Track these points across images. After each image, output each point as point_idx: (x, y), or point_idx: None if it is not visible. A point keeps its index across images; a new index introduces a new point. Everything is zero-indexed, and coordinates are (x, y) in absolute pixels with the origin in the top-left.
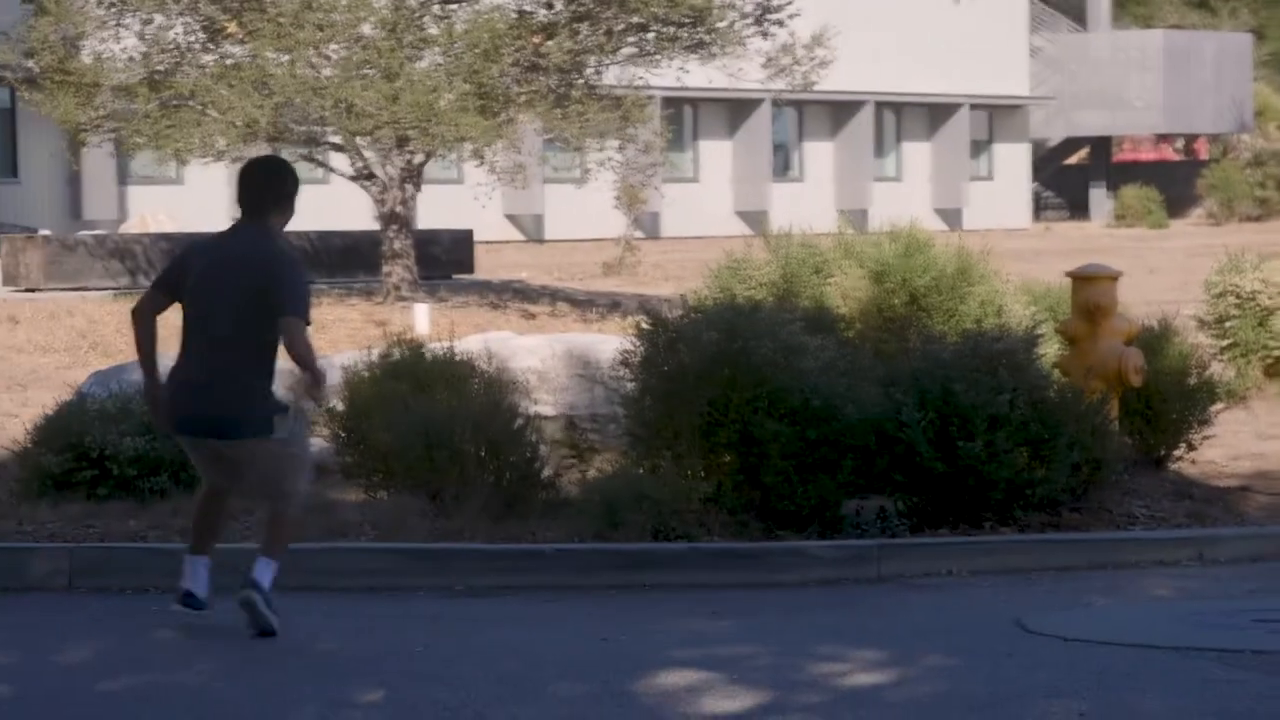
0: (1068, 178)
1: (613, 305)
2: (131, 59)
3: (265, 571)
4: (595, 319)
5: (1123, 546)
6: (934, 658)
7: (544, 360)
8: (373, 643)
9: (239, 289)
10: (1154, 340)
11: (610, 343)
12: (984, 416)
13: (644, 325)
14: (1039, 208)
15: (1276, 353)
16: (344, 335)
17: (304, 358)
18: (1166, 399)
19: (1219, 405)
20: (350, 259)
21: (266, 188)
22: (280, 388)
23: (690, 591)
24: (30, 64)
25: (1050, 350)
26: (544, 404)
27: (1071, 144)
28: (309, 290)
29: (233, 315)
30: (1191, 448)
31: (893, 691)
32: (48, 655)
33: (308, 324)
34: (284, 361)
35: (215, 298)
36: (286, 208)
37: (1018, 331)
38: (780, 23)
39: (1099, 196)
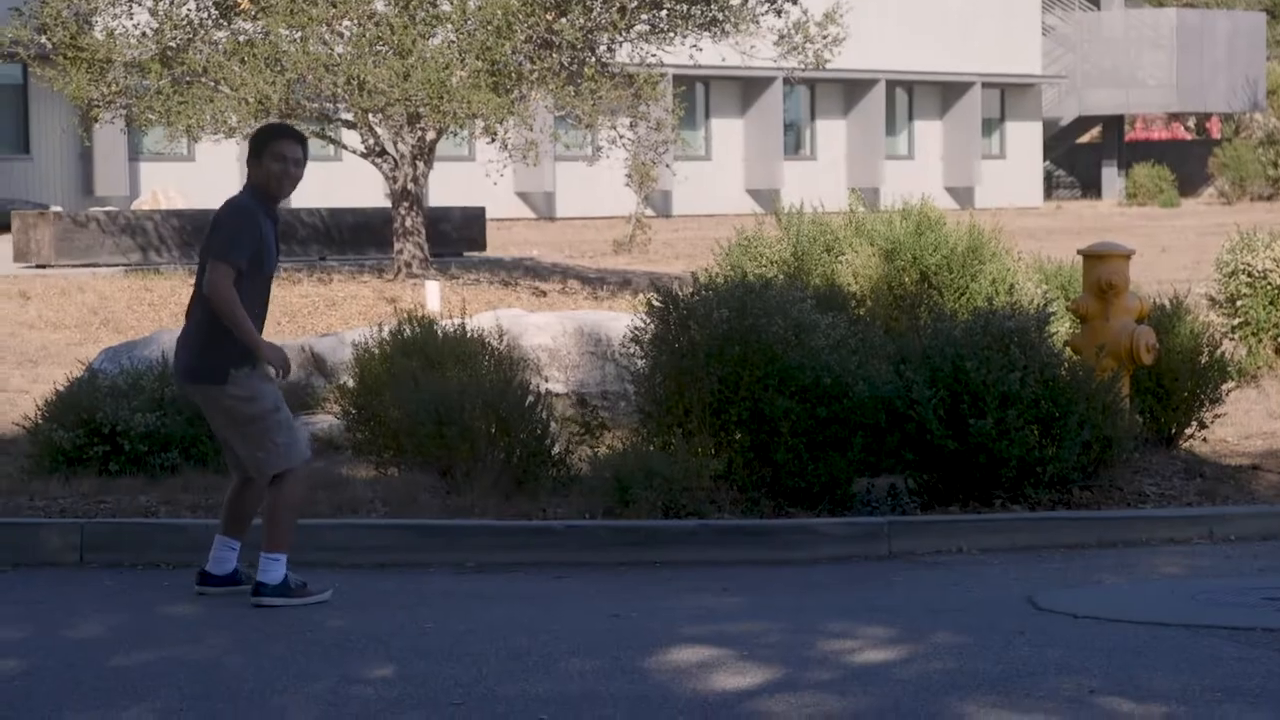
0: (1080, 156)
1: (624, 283)
2: (144, 35)
3: (269, 569)
4: (606, 296)
5: (1134, 524)
6: (945, 635)
7: (555, 337)
8: (384, 619)
9: (203, 245)
10: (1165, 319)
11: (621, 320)
12: (995, 394)
13: (655, 303)
14: (1051, 186)
15: None
16: (355, 312)
17: (215, 302)
18: (1178, 377)
19: (1230, 384)
20: (361, 236)
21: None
22: (292, 363)
23: (701, 568)
24: (43, 40)
25: (1062, 328)
26: (555, 381)
27: (1083, 123)
28: (236, 235)
29: (200, 271)
30: (1203, 426)
31: (903, 668)
32: (59, 630)
33: (236, 271)
34: (297, 338)
35: (199, 258)
36: (253, 165)
37: (1029, 309)
38: (793, 0)
39: (1111, 175)
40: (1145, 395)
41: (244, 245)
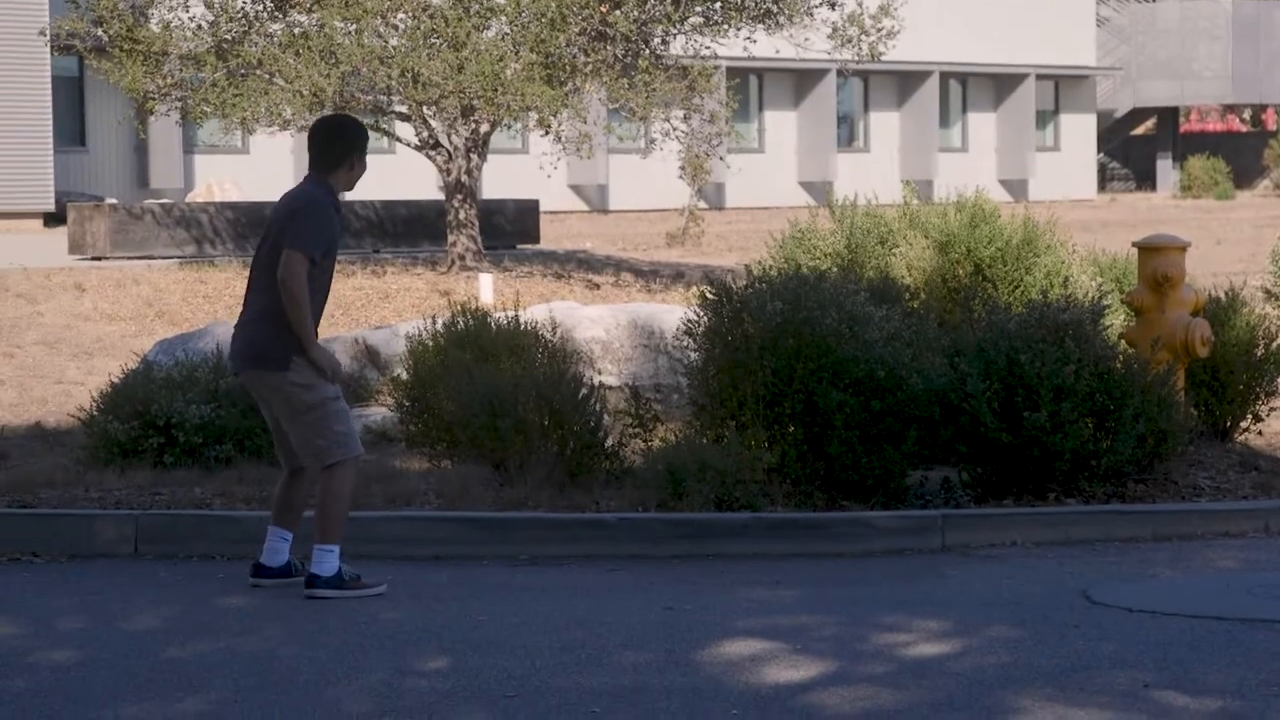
0: (1134, 148)
1: (677, 276)
2: (200, 27)
3: (322, 561)
4: (659, 289)
5: (1188, 518)
6: (999, 628)
7: (608, 330)
8: (437, 611)
9: (271, 232)
10: (1221, 311)
11: (674, 313)
12: (1049, 387)
13: (708, 295)
14: (1105, 178)
15: None
16: (409, 304)
17: (289, 291)
18: (1233, 370)
19: None
20: (415, 228)
21: (316, 146)
22: (345, 356)
23: (754, 561)
24: (99, 32)
25: (1116, 321)
26: (608, 374)
27: (1138, 115)
28: (316, 226)
29: (267, 258)
30: (1258, 419)
31: (957, 662)
32: (115, 621)
33: (311, 262)
34: (350, 330)
35: (260, 244)
36: (356, 160)
37: (1084, 302)
38: None
39: (1165, 167)
40: (1200, 388)
41: (322, 237)
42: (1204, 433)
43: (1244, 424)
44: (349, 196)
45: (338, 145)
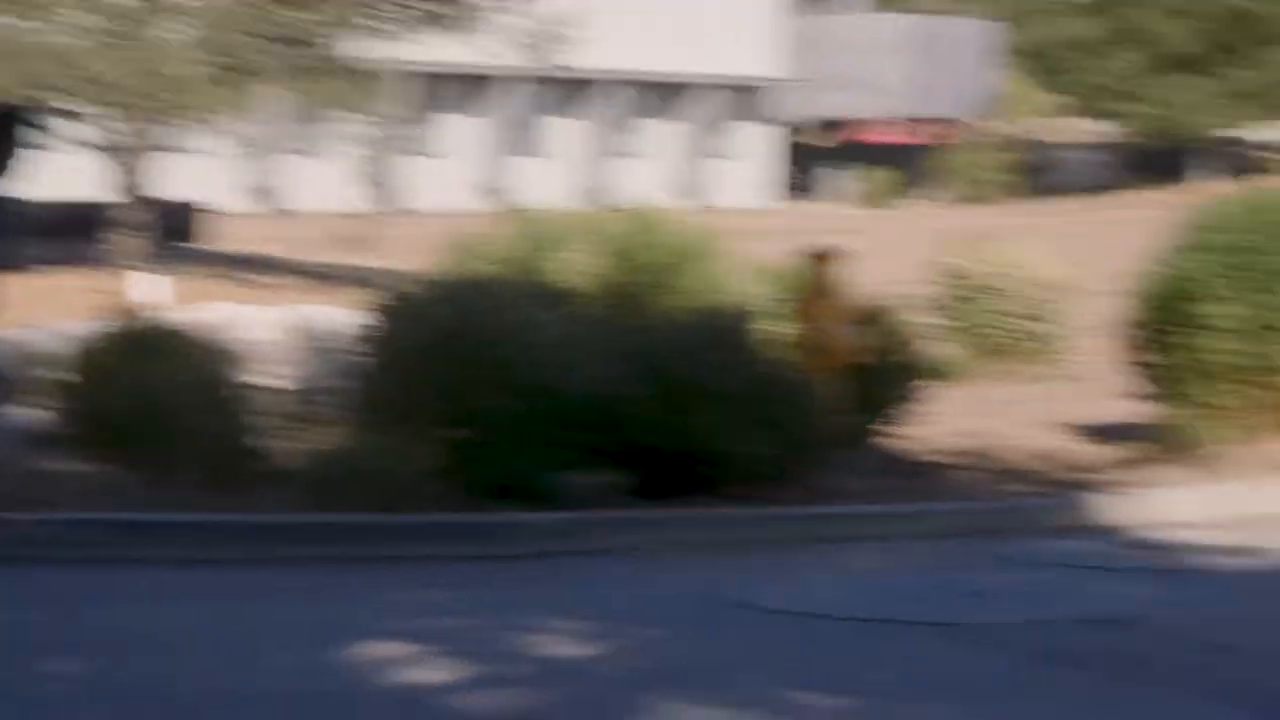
0: (811, 159)
1: (350, 278)
2: None
3: None
4: (330, 292)
5: (834, 521)
6: (643, 630)
7: (277, 332)
8: (79, 615)
9: None
10: (877, 319)
11: (343, 316)
12: (704, 392)
13: (378, 299)
14: (781, 188)
15: (994, 333)
16: (70, 305)
17: None
18: (884, 377)
19: (935, 383)
20: (78, 228)
21: None
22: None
23: (409, 564)
24: None
25: (776, 328)
26: (275, 375)
27: (815, 125)
28: None
29: None
30: (906, 425)
31: (601, 663)
32: None
33: None
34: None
35: None
36: None
37: (743, 309)
38: None
39: (840, 177)
40: (853, 394)
41: None
42: (853, 437)
43: (892, 429)
44: (10, 193)
45: None
